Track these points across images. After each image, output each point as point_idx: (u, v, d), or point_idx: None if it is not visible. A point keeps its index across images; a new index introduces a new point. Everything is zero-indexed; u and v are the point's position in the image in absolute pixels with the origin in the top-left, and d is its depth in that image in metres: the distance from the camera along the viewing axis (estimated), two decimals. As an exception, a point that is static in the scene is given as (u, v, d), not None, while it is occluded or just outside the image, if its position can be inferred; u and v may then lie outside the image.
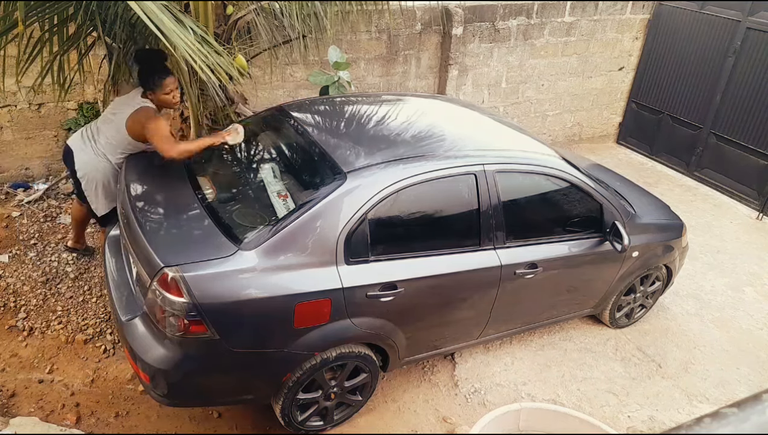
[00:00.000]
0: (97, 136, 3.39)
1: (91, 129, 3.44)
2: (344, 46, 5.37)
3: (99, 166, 3.39)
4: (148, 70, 3.26)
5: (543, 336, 4.10)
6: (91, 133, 3.42)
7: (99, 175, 3.42)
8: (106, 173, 3.42)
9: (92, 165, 3.38)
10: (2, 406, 3.06)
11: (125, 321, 2.71)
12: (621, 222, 3.54)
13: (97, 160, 3.38)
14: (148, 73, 3.26)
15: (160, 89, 3.30)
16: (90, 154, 3.38)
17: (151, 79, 3.26)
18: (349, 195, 2.69)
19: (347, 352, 2.88)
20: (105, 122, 3.38)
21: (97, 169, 3.39)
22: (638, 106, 7.61)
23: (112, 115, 3.36)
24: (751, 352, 4.21)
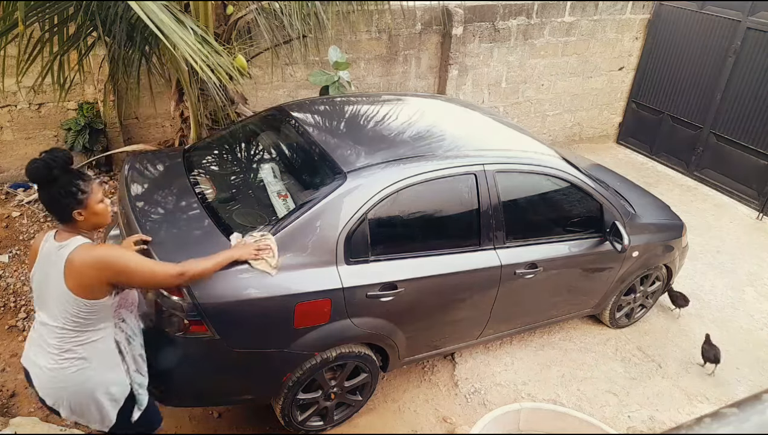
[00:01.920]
0: (44, 335, 2.13)
1: (35, 332, 2.20)
2: (344, 46, 5.37)
3: (62, 377, 2.12)
4: (62, 186, 2.01)
5: (543, 336, 4.10)
6: (36, 335, 2.18)
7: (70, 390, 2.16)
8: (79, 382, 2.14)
9: (57, 379, 2.13)
10: (2, 406, 3.06)
11: (125, 321, 2.70)
12: (621, 222, 3.54)
13: (57, 370, 2.11)
14: (63, 192, 2.01)
15: (89, 201, 2.07)
16: (46, 364, 2.12)
17: (71, 196, 2.02)
18: (349, 195, 2.69)
19: (347, 352, 2.88)
20: (41, 308, 2.15)
21: (65, 382, 2.13)
22: (638, 106, 7.61)
23: (38, 294, 2.15)
24: (750, 352, 4.21)
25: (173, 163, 3.32)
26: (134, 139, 5.09)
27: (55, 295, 2.05)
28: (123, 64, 3.87)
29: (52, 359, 2.10)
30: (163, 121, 5.16)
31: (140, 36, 3.58)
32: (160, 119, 5.15)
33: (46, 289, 2.08)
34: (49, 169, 1.97)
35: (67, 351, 2.09)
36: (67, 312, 2.04)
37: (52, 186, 2.00)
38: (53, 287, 2.04)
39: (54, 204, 2.04)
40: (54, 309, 2.07)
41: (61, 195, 2.01)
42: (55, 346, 2.09)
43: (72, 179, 2.02)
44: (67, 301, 2.02)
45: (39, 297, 2.14)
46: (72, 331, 2.07)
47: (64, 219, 2.07)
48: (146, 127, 5.14)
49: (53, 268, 2.03)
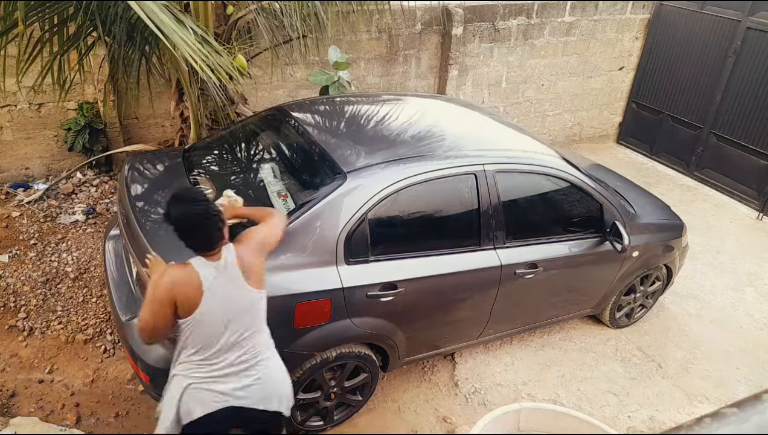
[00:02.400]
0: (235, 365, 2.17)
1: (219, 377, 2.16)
2: (344, 46, 5.36)
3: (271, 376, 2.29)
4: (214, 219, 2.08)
5: (543, 336, 4.10)
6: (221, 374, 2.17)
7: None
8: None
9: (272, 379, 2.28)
10: (2, 406, 3.06)
11: (125, 321, 2.71)
12: (621, 222, 3.54)
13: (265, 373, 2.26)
14: (215, 224, 2.08)
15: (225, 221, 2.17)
16: (249, 382, 2.20)
17: (220, 223, 2.10)
18: (349, 195, 2.69)
19: (347, 352, 2.88)
20: (226, 351, 2.15)
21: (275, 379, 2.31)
22: (638, 106, 7.61)
23: (226, 330, 2.13)
24: (751, 352, 4.21)
25: (173, 163, 3.32)
26: (134, 139, 5.09)
27: (246, 307, 2.14)
28: (123, 64, 3.87)
29: (255, 371, 2.18)
30: (163, 121, 5.16)
31: (140, 36, 3.58)
32: (160, 119, 5.15)
33: (236, 314, 2.11)
34: (206, 217, 2.05)
35: (261, 353, 2.21)
36: (259, 313, 2.19)
37: (209, 228, 2.06)
38: (242, 301, 2.12)
39: (210, 237, 2.07)
40: (247, 322, 2.15)
41: (215, 227, 2.07)
42: (252, 360, 2.18)
43: (219, 218, 2.10)
44: (256, 302, 2.17)
45: (226, 332, 2.11)
46: (262, 331, 2.23)
47: (214, 246, 2.09)
48: (146, 127, 5.14)
49: (232, 285, 2.10)
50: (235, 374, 2.15)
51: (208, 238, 2.07)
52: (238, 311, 2.12)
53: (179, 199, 2.07)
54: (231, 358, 2.13)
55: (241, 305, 2.12)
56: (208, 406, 2.13)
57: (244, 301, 2.13)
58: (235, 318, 2.11)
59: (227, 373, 2.14)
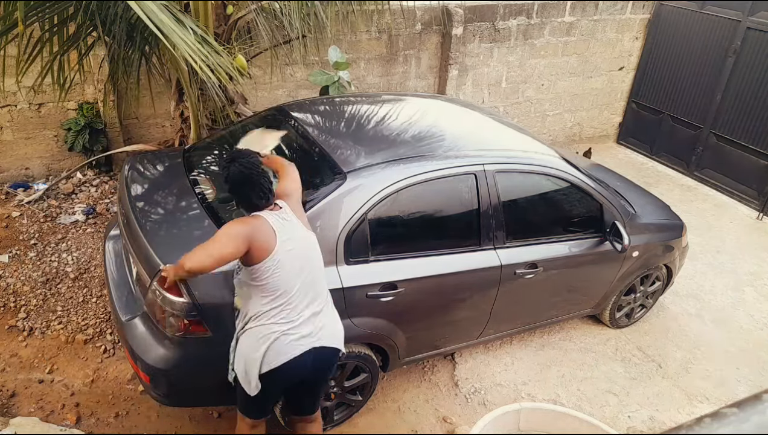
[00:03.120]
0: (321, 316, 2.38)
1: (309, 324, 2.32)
2: (344, 46, 5.37)
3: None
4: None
5: (543, 336, 4.10)
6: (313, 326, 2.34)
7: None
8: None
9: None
10: (2, 406, 3.06)
11: (125, 321, 2.71)
12: (621, 222, 3.54)
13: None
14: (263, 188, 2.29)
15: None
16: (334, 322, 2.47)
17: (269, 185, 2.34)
18: (349, 195, 2.69)
19: (347, 352, 2.87)
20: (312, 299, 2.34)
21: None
22: (638, 106, 7.61)
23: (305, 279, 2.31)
24: (751, 352, 4.21)
25: (173, 163, 3.32)
26: (134, 139, 5.09)
27: (312, 247, 2.37)
28: (123, 64, 3.87)
29: (326, 310, 2.39)
30: (163, 121, 5.17)
31: (140, 36, 3.59)
32: (160, 119, 5.15)
33: (307, 256, 2.32)
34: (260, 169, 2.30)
35: (327, 293, 2.44)
36: (320, 255, 2.41)
37: (259, 186, 2.27)
38: (307, 242, 2.35)
39: (267, 190, 2.30)
40: (316, 264, 2.38)
41: (268, 180, 2.32)
42: (323, 301, 2.38)
43: (266, 177, 2.33)
44: (316, 243, 2.41)
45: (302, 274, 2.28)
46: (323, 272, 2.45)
47: (270, 198, 2.31)
48: (146, 127, 5.14)
49: (296, 230, 2.31)
50: (315, 315, 2.30)
51: (264, 190, 2.26)
52: (307, 253, 2.30)
53: (236, 158, 2.26)
54: (308, 300, 2.28)
55: (308, 247, 2.32)
56: (295, 350, 2.25)
57: (309, 243, 2.33)
58: (306, 260, 2.29)
59: (308, 316, 2.28)
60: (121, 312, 2.77)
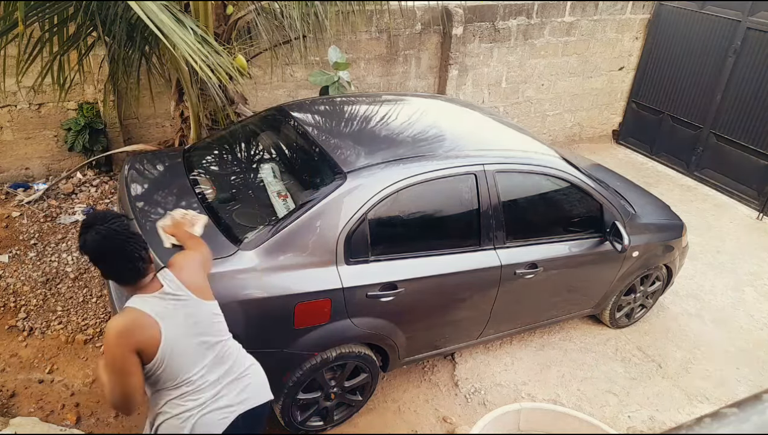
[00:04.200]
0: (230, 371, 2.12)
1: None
2: (344, 46, 5.37)
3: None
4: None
5: (543, 336, 4.10)
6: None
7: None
8: None
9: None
10: (2, 406, 3.06)
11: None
12: (621, 222, 3.54)
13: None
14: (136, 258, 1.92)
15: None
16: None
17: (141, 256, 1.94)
18: (349, 195, 2.69)
19: (347, 352, 2.88)
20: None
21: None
22: (638, 106, 7.61)
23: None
24: (751, 352, 4.21)
25: (173, 163, 3.32)
26: (134, 139, 5.10)
27: (209, 320, 2.06)
28: (123, 64, 3.87)
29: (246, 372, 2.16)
30: (163, 121, 5.17)
31: (140, 36, 3.59)
32: (160, 119, 5.15)
33: (204, 331, 2.03)
34: (123, 233, 1.92)
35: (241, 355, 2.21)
36: (222, 322, 2.11)
37: (127, 243, 1.91)
38: (202, 315, 2.02)
39: (134, 260, 1.91)
40: (217, 334, 2.07)
41: (138, 248, 1.93)
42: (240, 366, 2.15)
43: (139, 244, 1.95)
44: (215, 312, 2.09)
45: (203, 352, 2.00)
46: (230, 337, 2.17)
47: (141, 271, 1.93)
48: (146, 127, 5.14)
49: (185, 305, 1.99)
50: (235, 381, 2.08)
51: (133, 259, 1.86)
52: (204, 328, 2.00)
53: (92, 224, 1.87)
54: (219, 372, 2.03)
55: (203, 320, 2.01)
56: (219, 426, 2.00)
57: (204, 316, 2.02)
58: (204, 335, 2.00)
59: (223, 388, 2.04)
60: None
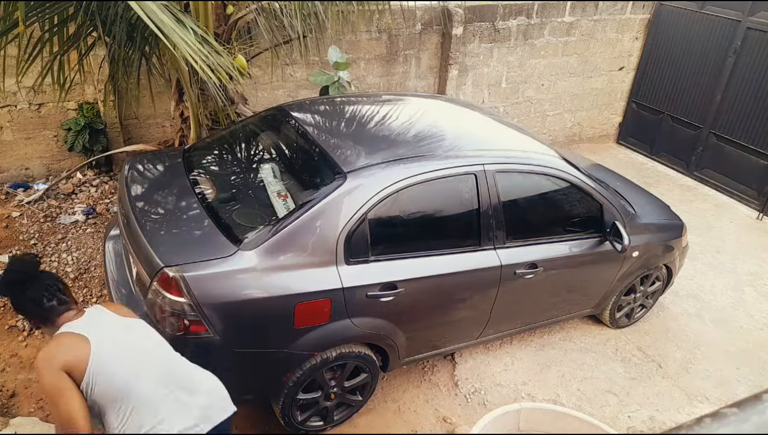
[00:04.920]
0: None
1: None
2: (344, 46, 5.37)
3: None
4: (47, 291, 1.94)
5: (543, 336, 4.10)
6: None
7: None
8: None
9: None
10: (2, 406, 3.06)
11: (125, 321, 2.70)
12: (621, 222, 3.54)
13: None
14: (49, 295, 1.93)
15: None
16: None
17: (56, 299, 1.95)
18: (349, 195, 2.69)
19: (347, 352, 2.87)
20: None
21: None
22: (638, 106, 7.61)
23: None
24: (751, 352, 4.21)
25: (173, 163, 3.32)
26: (134, 139, 5.10)
27: (142, 335, 2.03)
28: (123, 64, 3.87)
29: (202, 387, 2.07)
30: (163, 121, 5.17)
31: (140, 36, 3.59)
32: (160, 119, 5.15)
33: (139, 346, 1.98)
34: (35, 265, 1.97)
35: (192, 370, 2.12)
36: (157, 336, 2.08)
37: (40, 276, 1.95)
38: (134, 331, 2.01)
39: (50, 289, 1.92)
40: (153, 348, 2.02)
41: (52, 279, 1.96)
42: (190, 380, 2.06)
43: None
44: (144, 327, 2.07)
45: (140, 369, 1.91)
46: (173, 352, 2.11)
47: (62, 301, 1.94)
48: (146, 127, 5.15)
49: (109, 324, 1.96)
50: (190, 398, 1.96)
51: (50, 289, 1.89)
52: (139, 343, 1.95)
53: (6, 271, 1.90)
54: (167, 390, 1.91)
55: (137, 336, 1.97)
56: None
57: (136, 331, 1.98)
58: (141, 350, 1.94)
59: (179, 406, 1.92)
60: (121, 312, 2.76)
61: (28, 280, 1.90)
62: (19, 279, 1.89)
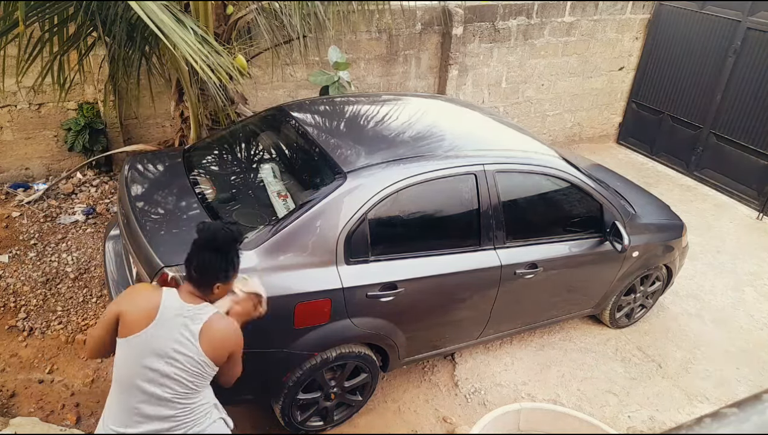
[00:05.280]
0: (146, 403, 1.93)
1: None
2: (344, 46, 5.36)
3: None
4: (230, 258, 2.01)
5: (543, 336, 4.10)
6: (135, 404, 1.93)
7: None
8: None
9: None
10: (2, 406, 3.06)
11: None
12: (621, 222, 3.54)
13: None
14: (225, 263, 1.99)
15: (231, 281, 2.08)
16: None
17: (229, 269, 2.02)
18: (349, 195, 2.69)
19: (347, 352, 2.87)
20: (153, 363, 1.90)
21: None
22: (638, 106, 7.61)
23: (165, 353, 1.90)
24: (751, 352, 4.21)
25: (173, 163, 3.32)
26: (134, 139, 5.10)
27: (184, 360, 1.91)
28: (123, 64, 3.87)
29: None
30: (163, 121, 5.17)
31: (140, 36, 3.59)
32: (160, 119, 5.15)
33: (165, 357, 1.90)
34: (234, 240, 2.00)
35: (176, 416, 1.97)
36: (199, 377, 1.95)
37: (221, 254, 1.96)
38: (183, 350, 1.90)
39: (210, 269, 1.96)
40: (175, 374, 1.90)
41: (224, 264, 1.97)
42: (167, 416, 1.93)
43: (237, 255, 2.03)
44: (201, 365, 1.93)
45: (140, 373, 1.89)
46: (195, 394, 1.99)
47: (205, 286, 1.98)
48: (146, 127, 5.14)
49: (179, 330, 1.90)
50: (126, 419, 1.91)
51: (205, 267, 1.94)
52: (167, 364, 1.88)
53: (210, 224, 2.01)
54: (128, 404, 1.90)
55: (173, 359, 1.88)
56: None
57: (182, 352, 1.89)
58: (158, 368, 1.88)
59: (119, 418, 1.91)
60: (121, 312, 2.76)
61: (229, 242, 2.00)
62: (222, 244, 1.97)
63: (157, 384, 1.88)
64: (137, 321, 1.89)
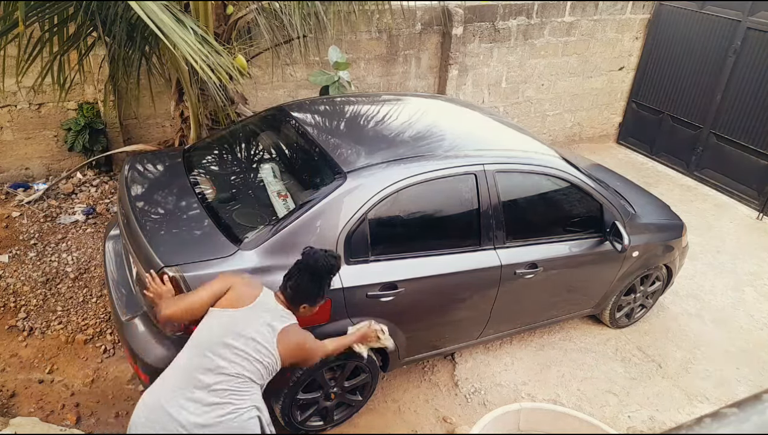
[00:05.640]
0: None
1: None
2: (344, 46, 5.37)
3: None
4: (324, 285, 2.31)
5: (543, 336, 4.10)
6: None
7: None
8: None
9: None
10: (2, 406, 3.06)
11: (125, 321, 2.71)
12: (621, 222, 3.54)
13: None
14: (320, 289, 2.31)
15: (318, 306, 2.38)
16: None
17: (321, 295, 2.32)
18: (349, 195, 2.69)
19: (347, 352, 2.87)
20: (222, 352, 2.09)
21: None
22: (638, 106, 7.61)
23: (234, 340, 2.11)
24: (751, 352, 4.21)
25: (173, 163, 3.32)
26: (134, 139, 5.10)
27: (253, 347, 2.13)
28: (123, 64, 3.87)
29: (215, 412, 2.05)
30: (163, 121, 5.17)
31: (140, 36, 3.59)
32: (160, 119, 5.15)
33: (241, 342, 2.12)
34: (330, 272, 2.30)
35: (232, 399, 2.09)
36: (260, 370, 2.15)
37: (316, 280, 2.27)
38: (258, 338, 2.14)
39: (303, 292, 2.27)
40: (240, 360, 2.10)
41: (317, 290, 2.29)
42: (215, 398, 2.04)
43: (330, 284, 2.35)
44: (266, 358, 2.15)
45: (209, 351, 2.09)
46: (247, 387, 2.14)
47: (294, 302, 2.29)
48: (146, 127, 5.15)
49: (262, 327, 2.16)
50: (183, 381, 2.06)
51: (305, 286, 2.25)
52: (244, 343, 2.11)
53: (316, 251, 2.30)
54: (193, 365, 2.08)
55: (252, 340, 2.12)
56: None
57: (259, 339, 2.13)
58: (234, 344, 2.10)
59: (178, 377, 2.08)
60: (121, 312, 2.77)
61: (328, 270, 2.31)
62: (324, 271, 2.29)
63: (226, 359, 2.07)
64: (238, 299, 2.19)
